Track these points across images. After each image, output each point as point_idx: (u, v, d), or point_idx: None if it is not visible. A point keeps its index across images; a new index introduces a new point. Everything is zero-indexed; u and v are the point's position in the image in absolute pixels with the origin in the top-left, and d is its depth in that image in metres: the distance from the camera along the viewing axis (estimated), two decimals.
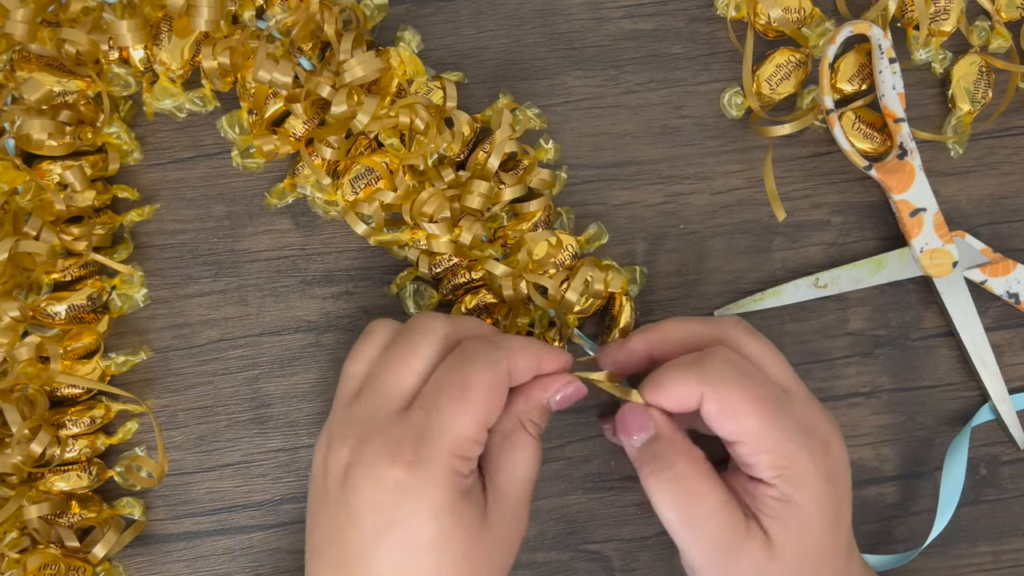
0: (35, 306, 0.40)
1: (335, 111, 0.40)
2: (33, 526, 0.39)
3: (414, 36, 0.42)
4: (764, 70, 0.44)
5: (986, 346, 0.43)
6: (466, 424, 0.32)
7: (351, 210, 0.41)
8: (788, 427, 0.34)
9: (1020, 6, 0.44)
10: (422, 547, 0.32)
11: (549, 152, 0.43)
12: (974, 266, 0.43)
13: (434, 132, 0.41)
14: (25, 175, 0.40)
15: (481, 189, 0.40)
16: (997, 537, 0.44)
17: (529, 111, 0.43)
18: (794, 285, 0.43)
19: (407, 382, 0.34)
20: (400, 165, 0.41)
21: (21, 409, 0.39)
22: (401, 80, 0.42)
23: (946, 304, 0.43)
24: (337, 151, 0.41)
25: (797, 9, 0.43)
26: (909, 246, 0.43)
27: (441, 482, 0.32)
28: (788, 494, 0.34)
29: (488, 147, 0.41)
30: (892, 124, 0.42)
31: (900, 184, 0.42)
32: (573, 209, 0.43)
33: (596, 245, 0.43)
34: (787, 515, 0.34)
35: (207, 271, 0.43)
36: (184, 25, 0.40)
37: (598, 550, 0.43)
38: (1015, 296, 0.43)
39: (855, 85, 0.44)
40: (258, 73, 0.39)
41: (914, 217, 0.42)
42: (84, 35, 0.39)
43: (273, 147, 0.41)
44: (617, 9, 0.45)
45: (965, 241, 0.43)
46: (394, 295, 0.43)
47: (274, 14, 0.41)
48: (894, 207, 0.43)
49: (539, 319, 0.42)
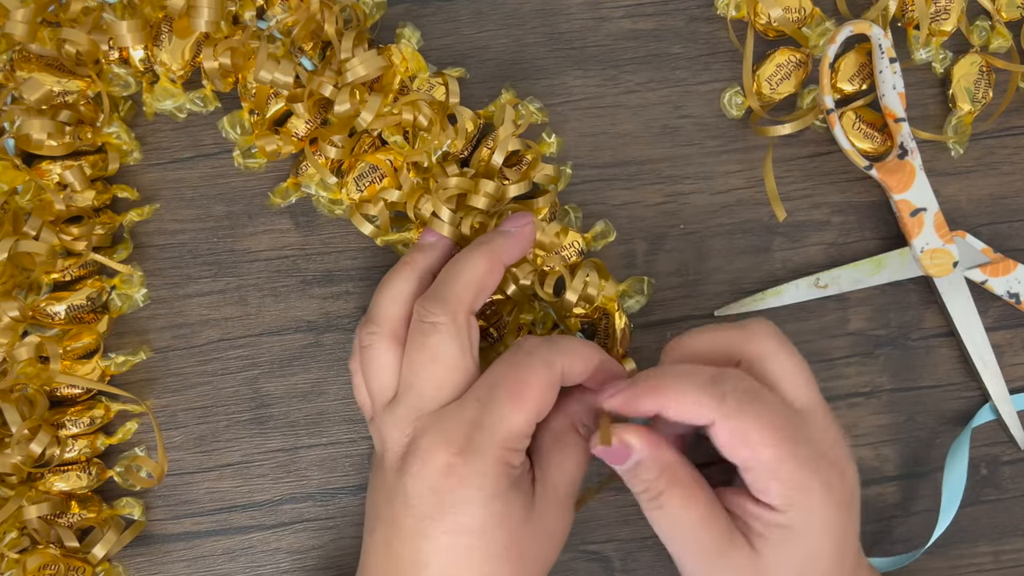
0: (35, 306, 0.40)
1: (338, 110, 0.40)
2: (33, 526, 0.39)
3: (414, 32, 0.42)
4: (764, 70, 0.44)
5: (987, 346, 0.43)
6: (519, 420, 0.34)
7: (357, 211, 0.41)
8: (804, 458, 0.33)
9: (1021, 6, 0.44)
10: (472, 531, 0.33)
11: (551, 146, 0.43)
12: (975, 266, 0.43)
13: (437, 128, 0.41)
14: (25, 175, 0.40)
15: (488, 189, 0.40)
16: (997, 537, 0.44)
17: (531, 105, 0.43)
18: (795, 285, 0.43)
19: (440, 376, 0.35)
20: (404, 162, 0.41)
21: (21, 409, 0.39)
22: (403, 77, 0.42)
23: (946, 304, 0.43)
24: (341, 150, 0.41)
25: (797, 9, 0.43)
26: (910, 246, 0.43)
27: (492, 471, 0.33)
28: (795, 522, 0.33)
29: (492, 143, 0.41)
30: (892, 124, 0.42)
31: (900, 184, 0.42)
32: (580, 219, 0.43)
33: (603, 243, 0.43)
34: (790, 542, 0.33)
35: (207, 271, 0.43)
36: (184, 26, 0.40)
37: (598, 550, 0.43)
38: (1016, 296, 0.43)
39: (855, 85, 0.44)
40: (259, 73, 0.39)
41: (914, 217, 0.42)
42: (84, 35, 0.39)
43: (276, 147, 0.41)
44: (617, 9, 0.45)
45: (966, 241, 0.43)
46: None
47: (274, 14, 0.41)
48: (894, 207, 0.43)
49: (542, 318, 0.42)
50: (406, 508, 0.34)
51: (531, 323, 0.42)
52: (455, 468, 0.33)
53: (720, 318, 0.43)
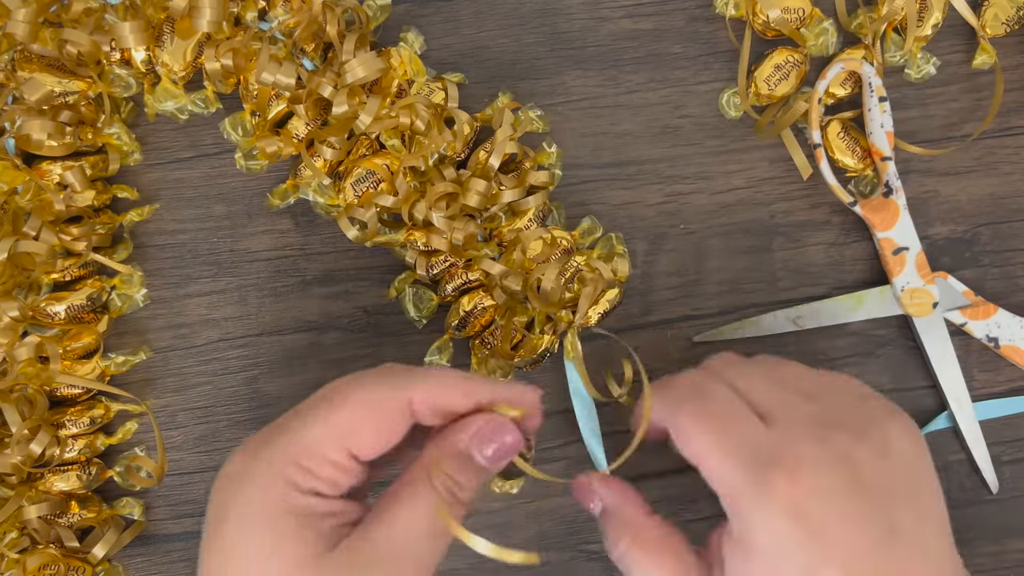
0: (35, 306, 0.40)
1: (336, 111, 0.40)
2: (33, 526, 0.39)
3: (417, 37, 0.43)
4: (762, 70, 0.43)
5: (963, 387, 0.43)
6: (319, 435, 0.29)
7: (345, 215, 0.41)
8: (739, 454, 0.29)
9: (1005, 22, 0.44)
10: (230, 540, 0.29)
11: (551, 156, 0.43)
12: (955, 308, 0.43)
13: (435, 132, 0.41)
14: (25, 175, 0.40)
15: (479, 187, 0.40)
16: (998, 537, 0.44)
17: (532, 112, 0.43)
18: (772, 315, 0.43)
19: None
20: (401, 166, 0.41)
21: (21, 409, 0.39)
22: (401, 80, 0.42)
23: (924, 344, 0.43)
24: (338, 151, 0.41)
25: (796, 9, 0.43)
26: (891, 284, 0.43)
27: (263, 482, 0.29)
28: (742, 535, 0.29)
29: (489, 147, 0.41)
30: (879, 162, 0.43)
31: (884, 222, 0.42)
32: (572, 208, 0.43)
33: (591, 239, 0.43)
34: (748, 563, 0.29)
35: (207, 271, 0.43)
36: (186, 27, 0.40)
37: (598, 550, 0.43)
38: (995, 340, 0.43)
39: (847, 88, 0.44)
40: (261, 75, 0.39)
41: (896, 256, 0.42)
42: (86, 36, 0.39)
43: (276, 148, 0.41)
44: (617, 9, 0.45)
45: (947, 282, 0.43)
46: (393, 299, 0.43)
47: (276, 15, 0.41)
48: (877, 245, 0.43)
49: (537, 318, 0.42)
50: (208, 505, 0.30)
51: (525, 325, 0.42)
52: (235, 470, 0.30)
53: (698, 344, 0.43)
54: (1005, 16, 0.44)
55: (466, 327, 0.42)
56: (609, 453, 0.42)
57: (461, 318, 0.41)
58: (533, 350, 0.41)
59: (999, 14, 0.44)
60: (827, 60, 0.44)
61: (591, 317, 0.42)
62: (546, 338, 0.41)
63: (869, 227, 0.43)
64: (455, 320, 0.42)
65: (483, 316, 0.42)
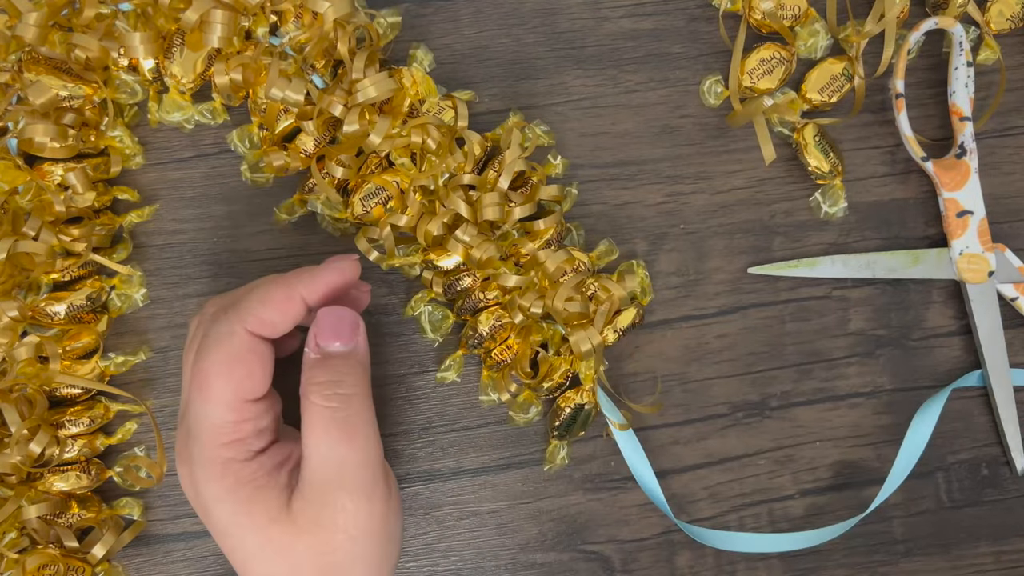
0: (34, 306, 0.40)
1: (347, 130, 0.39)
2: (32, 526, 0.39)
3: (426, 55, 0.43)
4: (748, 62, 0.43)
5: (1004, 359, 0.43)
6: (213, 412, 0.32)
7: (363, 237, 0.41)
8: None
9: (1010, 18, 0.44)
10: (221, 533, 0.33)
11: (557, 167, 0.43)
12: (1009, 282, 0.43)
13: (445, 152, 0.40)
14: (25, 175, 0.40)
15: (493, 200, 0.40)
16: (999, 537, 0.44)
17: (538, 128, 0.43)
18: (831, 260, 0.43)
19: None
20: (411, 185, 0.41)
21: (20, 409, 0.39)
22: (413, 100, 0.42)
23: (973, 312, 0.43)
24: (349, 170, 0.41)
25: (792, 6, 0.43)
26: (949, 247, 0.43)
27: (211, 473, 0.32)
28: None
29: (498, 166, 0.41)
30: (957, 122, 0.43)
31: (953, 182, 0.42)
32: (572, 208, 0.43)
33: (607, 261, 0.43)
34: None
35: (207, 271, 0.43)
36: (197, 39, 0.40)
37: (598, 550, 0.43)
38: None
39: (824, 96, 0.43)
40: (271, 91, 0.39)
41: (960, 218, 0.42)
42: (95, 42, 0.39)
43: (284, 163, 0.41)
44: (617, 9, 0.45)
45: (1005, 255, 0.43)
46: (409, 318, 0.43)
47: (287, 31, 0.41)
48: (942, 204, 0.43)
49: (551, 338, 0.42)
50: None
51: (541, 345, 0.42)
52: (186, 478, 0.33)
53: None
54: (1010, 12, 0.44)
55: (482, 344, 0.42)
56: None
57: (477, 335, 0.41)
58: (550, 370, 0.41)
59: (1004, 10, 0.44)
60: (813, 63, 0.44)
61: (608, 336, 0.42)
62: (562, 361, 0.41)
63: (936, 186, 0.43)
64: (470, 336, 0.41)
65: (500, 334, 0.42)
